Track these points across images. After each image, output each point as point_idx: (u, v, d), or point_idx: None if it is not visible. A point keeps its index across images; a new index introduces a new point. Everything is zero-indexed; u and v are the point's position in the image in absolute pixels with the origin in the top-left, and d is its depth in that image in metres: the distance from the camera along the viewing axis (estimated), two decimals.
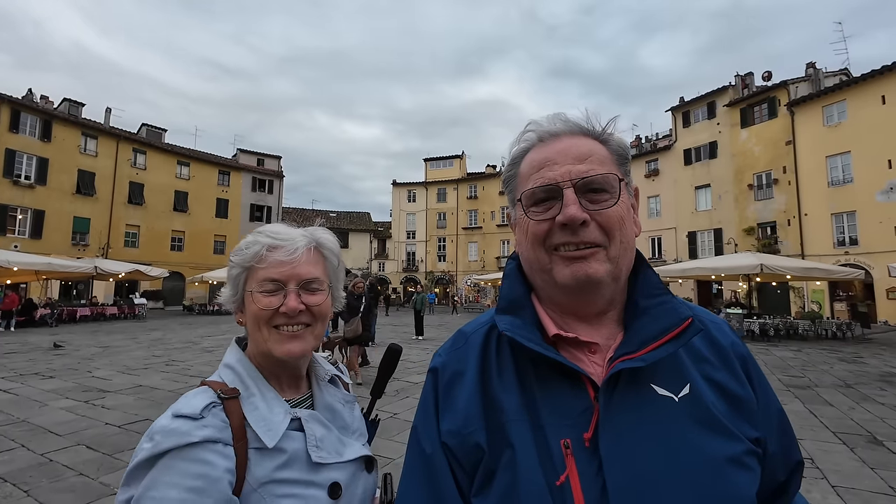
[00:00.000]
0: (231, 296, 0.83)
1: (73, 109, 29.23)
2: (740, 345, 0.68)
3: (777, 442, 0.64)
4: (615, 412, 0.57)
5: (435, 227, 43.41)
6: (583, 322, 0.65)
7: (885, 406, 6.08)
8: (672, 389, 0.59)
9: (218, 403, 0.70)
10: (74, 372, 8.01)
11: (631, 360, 0.58)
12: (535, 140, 0.67)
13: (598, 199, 0.61)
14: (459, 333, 0.73)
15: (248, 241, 0.81)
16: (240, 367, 0.78)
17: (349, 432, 0.83)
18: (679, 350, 0.61)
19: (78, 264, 19.56)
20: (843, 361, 9.99)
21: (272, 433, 0.71)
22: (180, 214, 32.64)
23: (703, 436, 0.56)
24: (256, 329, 0.78)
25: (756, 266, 13.70)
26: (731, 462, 0.55)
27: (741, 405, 0.61)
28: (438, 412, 0.64)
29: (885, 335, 15.69)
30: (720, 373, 0.63)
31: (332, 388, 0.88)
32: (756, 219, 24.13)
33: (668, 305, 0.63)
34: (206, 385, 0.75)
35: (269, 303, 0.77)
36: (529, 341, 0.61)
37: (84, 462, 3.86)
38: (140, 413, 5.37)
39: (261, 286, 0.78)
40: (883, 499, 3.33)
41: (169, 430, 0.65)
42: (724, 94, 26.38)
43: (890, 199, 18.92)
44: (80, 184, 27.22)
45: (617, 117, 0.66)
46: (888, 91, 19.22)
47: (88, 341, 12.67)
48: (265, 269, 0.78)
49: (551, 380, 0.60)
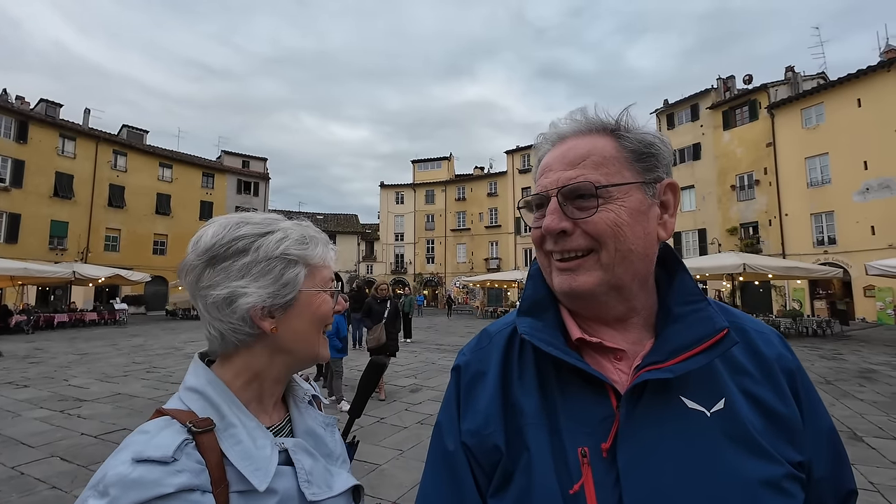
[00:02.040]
0: (273, 293, 0.66)
1: (51, 110, 28.48)
2: (789, 358, 0.62)
3: (825, 467, 0.59)
4: (638, 424, 0.54)
5: (423, 228, 43.33)
6: (608, 326, 0.62)
7: (865, 402, 6.21)
8: (704, 403, 0.55)
9: (190, 440, 0.57)
10: (50, 380, 7.76)
11: (658, 370, 0.55)
12: (548, 145, 0.66)
13: (585, 205, 0.58)
14: (484, 333, 0.72)
15: (303, 234, 0.72)
16: (211, 391, 0.63)
17: (333, 459, 0.74)
18: (715, 360, 0.57)
19: (55, 269, 19.05)
20: (823, 358, 10.21)
21: (262, 472, 0.59)
22: (163, 217, 32.03)
23: (735, 455, 0.52)
24: (315, 332, 0.72)
25: (739, 266, 13.94)
26: (766, 485, 0.51)
27: (783, 424, 0.56)
28: (460, 411, 0.64)
29: (862, 332, 16.09)
30: (761, 388, 0.58)
31: (312, 410, 0.78)
32: (739, 219, 24.59)
33: (703, 314, 0.59)
34: (168, 415, 0.60)
35: (332, 304, 0.74)
36: (549, 346, 0.59)
37: (58, 474, 3.72)
38: (118, 422, 5.21)
39: (326, 285, 0.73)
40: (864, 494, 3.37)
41: (130, 482, 0.50)
42: (707, 97, 26.86)
43: (866, 200, 19.44)
44: (57, 186, 26.54)
45: (631, 106, 0.61)
46: (864, 94, 19.76)
47: (66, 348, 12.31)
48: (328, 269, 0.74)
49: (573, 385, 0.58)
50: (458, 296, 38.55)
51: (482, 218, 40.49)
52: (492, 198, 40.13)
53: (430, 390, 6.79)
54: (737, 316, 0.65)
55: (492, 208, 40.04)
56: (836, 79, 20.80)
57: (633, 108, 0.62)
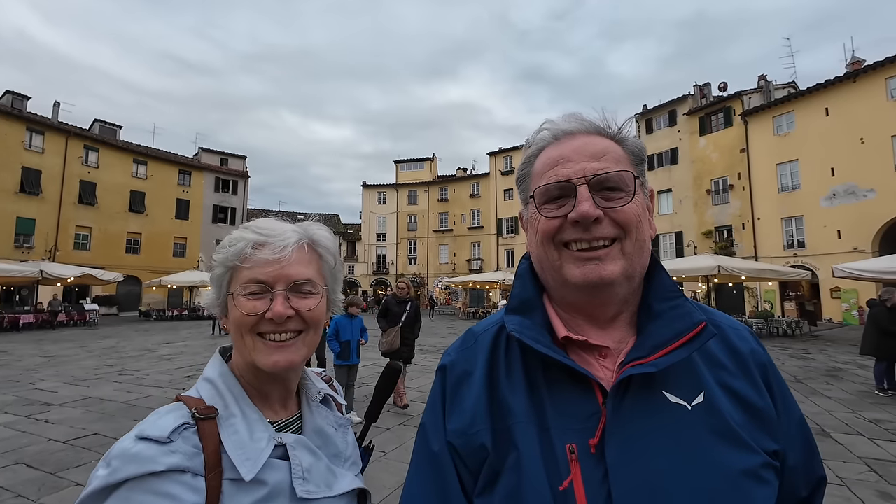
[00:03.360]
0: (215, 299, 0.73)
1: (17, 103, 27.30)
2: (761, 353, 0.66)
3: (797, 455, 0.62)
4: (624, 419, 0.55)
5: (406, 229, 43.16)
6: (594, 325, 0.63)
7: (832, 399, 6.46)
8: (685, 397, 0.57)
9: (192, 425, 0.61)
10: (15, 384, 7.44)
11: (642, 365, 0.56)
12: (550, 138, 0.66)
13: (613, 196, 0.60)
14: (469, 333, 0.72)
15: (233, 236, 0.71)
16: (221, 382, 0.68)
17: (341, 461, 0.73)
18: (694, 356, 0.60)
19: (21, 268, 18.28)
20: (793, 358, 10.58)
21: (251, 463, 0.61)
22: (136, 215, 31.04)
23: (717, 446, 0.54)
24: (240, 337, 0.69)
25: (714, 268, 14.32)
26: (746, 475, 0.53)
27: (759, 415, 0.59)
28: (445, 411, 0.64)
29: (829, 332, 16.73)
30: (738, 381, 0.61)
31: (324, 409, 0.78)
32: (714, 222, 25.27)
33: (681, 309, 0.61)
34: (181, 401, 0.65)
35: (254, 307, 0.67)
36: (538, 343, 0.60)
37: (23, 482, 3.56)
38: (88, 427, 5.02)
39: (244, 288, 0.68)
40: (831, 488, 3.50)
41: (129, 456, 0.55)
42: (684, 103, 27.54)
43: (833, 205, 20.22)
44: (24, 182, 25.44)
45: (633, 117, 0.66)
46: (831, 104, 20.56)
47: (32, 350, 11.81)
48: (250, 270, 0.68)
49: (560, 382, 0.59)
50: (441, 297, 38.55)
51: (465, 219, 40.58)
52: (474, 199, 40.26)
53: (412, 391, 6.75)
54: (712, 313, 0.67)
55: (474, 209, 40.16)
56: (806, 88, 21.58)
57: (613, 114, 0.66)
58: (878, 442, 4.60)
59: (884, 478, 3.71)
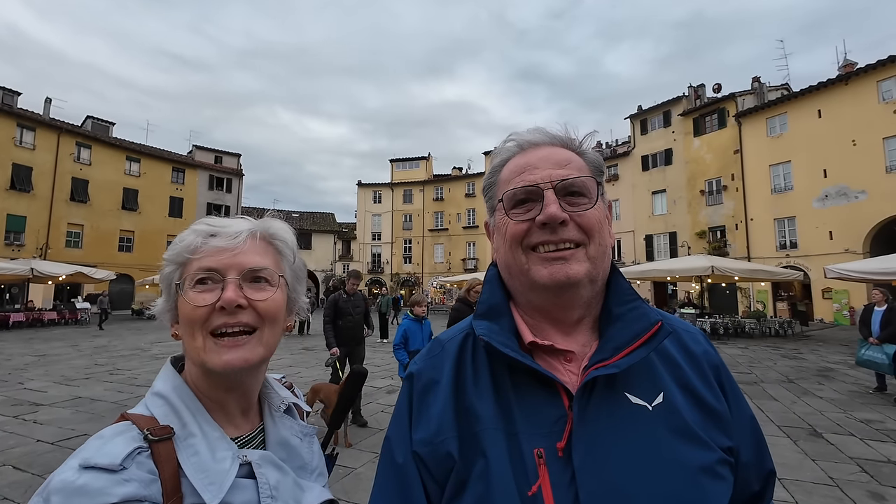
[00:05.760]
0: (164, 303, 0.67)
1: (8, 98, 26.93)
2: (713, 354, 0.69)
3: (749, 451, 0.65)
4: (589, 421, 0.56)
5: (401, 228, 43.08)
6: (559, 330, 0.65)
7: (824, 399, 6.51)
8: (645, 398, 0.60)
9: (145, 448, 0.54)
10: (4, 384, 7.34)
11: (605, 367, 0.58)
12: (516, 149, 0.69)
13: (577, 202, 0.63)
14: (436, 341, 0.73)
15: (184, 233, 0.67)
16: (175, 397, 0.61)
17: (307, 472, 0.70)
18: (653, 358, 0.63)
19: (11, 266, 18.02)
20: (785, 358, 10.65)
21: (215, 487, 0.56)
22: (129, 213, 30.75)
23: (676, 445, 0.56)
24: (191, 337, 0.62)
25: (708, 268, 14.39)
26: (704, 471, 0.55)
27: (714, 414, 0.61)
28: (412, 421, 0.64)
29: (821, 332, 16.87)
30: (693, 381, 0.63)
31: (287, 419, 0.74)
32: (707, 223, 25.42)
33: (638, 311, 0.64)
34: (129, 420, 0.58)
35: (203, 298, 0.61)
36: (506, 347, 0.61)
37: (9, 485, 3.51)
38: (77, 428, 4.96)
39: (193, 279, 0.62)
40: (823, 488, 3.53)
41: (73, 489, 0.48)
42: (679, 104, 27.68)
43: (825, 206, 20.40)
44: (14, 179, 25.12)
45: (594, 133, 0.69)
46: (824, 106, 20.74)
47: (22, 349, 11.67)
48: (199, 260, 0.63)
49: (527, 387, 0.60)
50: (436, 296, 38.53)
51: (460, 218, 40.56)
52: (470, 198, 40.26)
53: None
54: (666, 317, 0.69)
55: (469, 209, 40.16)
56: (799, 90, 21.74)
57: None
58: (870, 442, 4.63)
59: (875, 478, 3.73)
